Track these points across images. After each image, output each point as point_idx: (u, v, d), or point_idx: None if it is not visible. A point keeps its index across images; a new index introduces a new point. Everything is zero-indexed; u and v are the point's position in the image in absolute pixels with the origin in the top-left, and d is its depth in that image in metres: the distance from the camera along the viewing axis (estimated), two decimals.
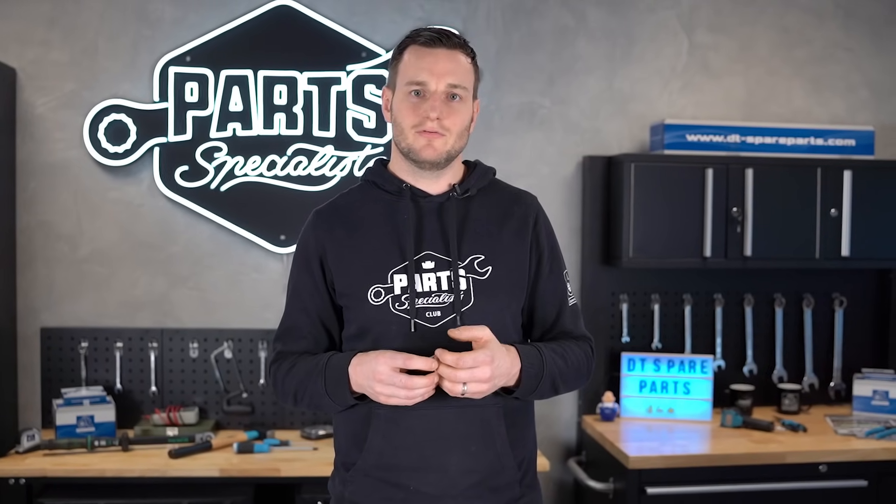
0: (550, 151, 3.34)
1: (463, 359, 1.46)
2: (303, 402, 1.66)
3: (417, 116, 1.60)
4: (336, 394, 1.59)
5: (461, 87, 1.61)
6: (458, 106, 1.61)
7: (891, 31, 3.50)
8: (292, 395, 1.67)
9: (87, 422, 2.94)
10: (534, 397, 1.66)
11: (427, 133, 1.60)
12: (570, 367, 1.66)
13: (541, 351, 1.61)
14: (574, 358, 1.67)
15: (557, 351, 1.64)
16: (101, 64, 3.13)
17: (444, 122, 1.60)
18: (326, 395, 1.60)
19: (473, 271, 1.63)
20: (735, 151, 3.19)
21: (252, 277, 3.22)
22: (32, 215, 3.13)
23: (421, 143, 1.60)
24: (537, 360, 1.59)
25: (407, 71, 1.62)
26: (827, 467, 2.83)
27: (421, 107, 1.59)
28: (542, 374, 1.59)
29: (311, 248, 1.69)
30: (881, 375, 3.26)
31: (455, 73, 1.60)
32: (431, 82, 1.59)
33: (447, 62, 1.60)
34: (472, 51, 1.67)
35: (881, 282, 3.47)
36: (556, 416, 3.36)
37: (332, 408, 1.64)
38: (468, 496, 1.61)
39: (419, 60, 1.61)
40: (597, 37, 3.35)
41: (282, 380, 1.68)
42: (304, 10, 3.17)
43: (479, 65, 1.69)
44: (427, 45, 1.61)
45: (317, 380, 1.61)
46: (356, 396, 1.58)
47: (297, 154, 3.17)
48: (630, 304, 3.33)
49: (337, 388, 1.58)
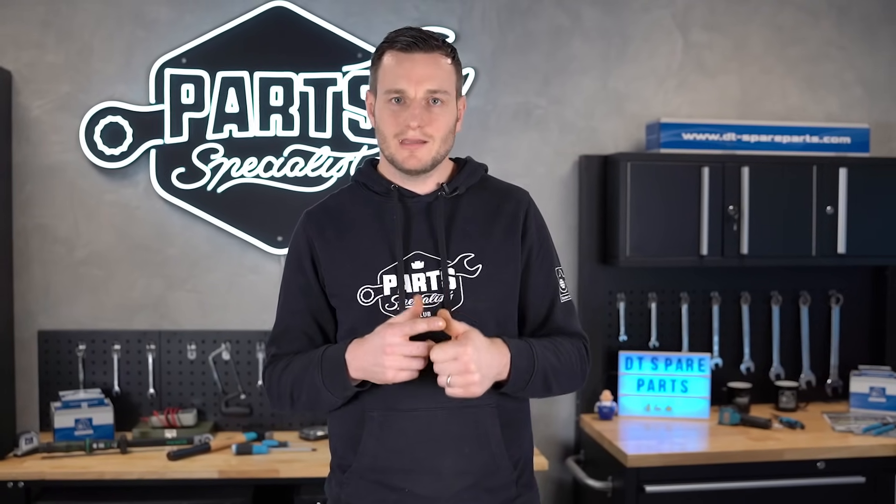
0: (546, 151, 3.34)
1: (433, 351, 1.45)
2: (299, 400, 1.63)
3: (398, 125, 1.58)
4: (334, 384, 1.56)
5: (441, 91, 1.59)
6: (440, 111, 1.59)
7: (884, 28, 3.51)
8: (288, 394, 1.64)
9: (85, 424, 2.94)
10: (526, 394, 1.63)
11: (409, 144, 1.58)
12: (563, 364, 1.62)
13: (531, 345, 1.58)
14: (567, 355, 1.64)
15: (549, 347, 1.61)
16: (97, 66, 3.13)
17: (426, 129, 1.58)
18: (324, 388, 1.57)
19: (463, 270, 1.61)
20: (731, 150, 3.20)
21: (249, 279, 3.22)
22: (29, 218, 3.13)
23: (404, 155, 1.59)
24: (527, 352, 1.56)
25: (386, 77, 1.60)
26: (824, 464, 2.84)
27: (401, 115, 1.58)
28: (533, 367, 1.56)
29: (303, 250, 1.68)
30: (878, 372, 3.27)
31: (434, 78, 1.58)
32: (410, 90, 1.57)
33: (425, 67, 1.58)
34: (453, 49, 1.64)
35: (877, 279, 3.48)
36: (554, 415, 3.37)
37: (330, 402, 1.61)
38: (463, 498, 1.59)
39: (397, 67, 1.58)
40: (592, 36, 3.35)
41: (277, 380, 1.66)
42: (300, 12, 3.17)
43: (474, 66, 1.69)
44: (405, 51, 1.58)
45: (313, 373, 1.58)
46: (356, 385, 1.56)
47: (293, 155, 3.17)
48: (627, 302, 3.34)
49: (335, 377, 1.55)
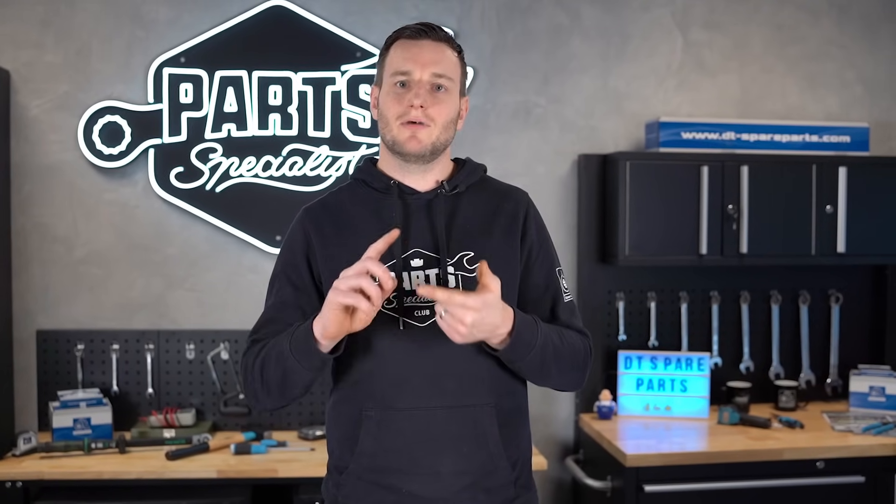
0: (546, 150, 3.34)
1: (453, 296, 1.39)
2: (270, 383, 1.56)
3: (401, 106, 1.58)
4: (302, 350, 1.49)
5: (446, 77, 1.60)
6: (444, 97, 1.60)
7: (884, 27, 3.51)
8: (259, 374, 1.57)
9: (83, 424, 2.93)
10: (524, 367, 1.58)
11: (411, 125, 1.58)
12: (565, 348, 1.59)
13: (537, 321, 1.56)
14: (570, 341, 1.62)
15: (554, 329, 1.60)
16: (95, 66, 3.13)
17: (429, 110, 1.58)
18: (292, 356, 1.50)
19: (462, 269, 1.61)
20: (730, 149, 3.19)
21: (248, 278, 3.22)
22: (27, 217, 3.12)
23: (405, 135, 1.59)
24: (533, 327, 1.53)
25: (392, 63, 1.62)
26: (824, 464, 2.83)
27: (405, 96, 1.58)
28: (534, 341, 1.52)
29: (299, 245, 1.67)
30: (877, 371, 3.27)
31: (440, 64, 1.60)
32: (416, 71, 1.58)
33: (432, 52, 1.60)
34: (460, 47, 1.66)
35: (877, 278, 3.48)
36: (553, 415, 3.37)
37: (299, 373, 1.52)
38: (462, 498, 1.59)
39: (405, 52, 1.61)
40: (591, 35, 3.35)
41: (251, 364, 1.59)
42: (299, 11, 3.16)
43: (474, 65, 1.69)
44: (413, 38, 1.61)
45: (283, 342, 1.52)
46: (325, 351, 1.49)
47: (292, 154, 3.16)
48: (626, 302, 3.33)
49: (303, 343, 1.49)
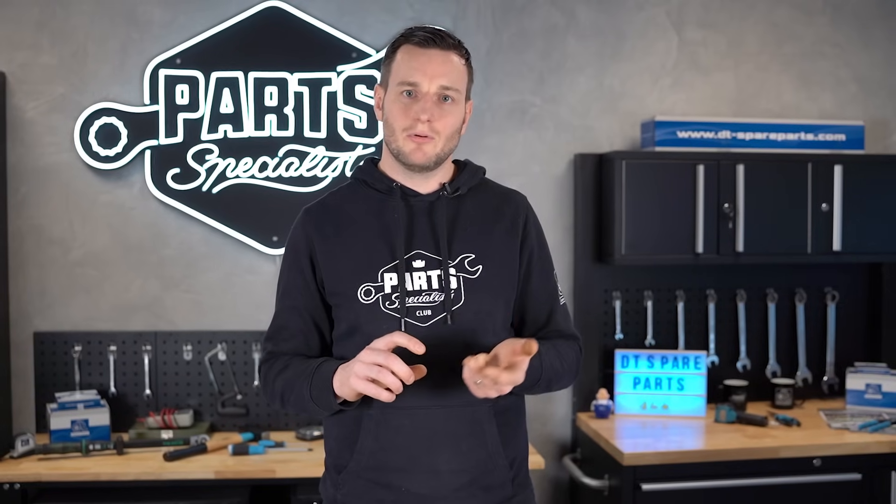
0: (542, 150, 3.34)
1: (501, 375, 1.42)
2: (289, 404, 1.65)
3: (408, 119, 1.58)
4: (320, 399, 1.57)
5: (453, 88, 1.60)
6: (450, 108, 1.60)
7: (879, 25, 3.51)
8: (279, 396, 1.66)
9: (81, 426, 2.93)
10: (525, 393, 1.68)
11: (417, 137, 1.59)
12: (564, 368, 1.68)
13: (541, 353, 1.59)
14: (569, 359, 1.69)
15: (553, 353, 1.65)
16: (91, 67, 3.12)
17: (435, 124, 1.58)
18: (311, 401, 1.59)
19: (464, 270, 1.62)
20: (726, 147, 3.20)
21: (245, 279, 3.22)
22: (24, 219, 3.12)
23: (410, 147, 1.60)
24: (536, 362, 1.58)
25: (399, 70, 1.61)
26: (821, 461, 2.84)
27: (412, 108, 1.58)
28: (539, 376, 1.61)
29: (301, 246, 1.68)
30: (874, 369, 3.28)
31: (448, 75, 1.59)
32: (424, 83, 1.58)
33: (440, 63, 1.59)
34: (467, 52, 1.66)
35: (873, 275, 3.49)
36: (550, 414, 3.37)
37: (318, 413, 1.63)
38: (460, 496, 1.60)
39: (412, 60, 1.59)
40: (586, 35, 3.35)
41: (272, 381, 1.67)
42: (294, 11, 3.16)
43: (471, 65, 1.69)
44: (421, 46, 1.60)
45: (303, 384, 1.60)
46: (340, 403, 1.57)
47: (288, 155, 3.17)
48: (623, 301, 3.34)
49: (322, 393, 1.56)
